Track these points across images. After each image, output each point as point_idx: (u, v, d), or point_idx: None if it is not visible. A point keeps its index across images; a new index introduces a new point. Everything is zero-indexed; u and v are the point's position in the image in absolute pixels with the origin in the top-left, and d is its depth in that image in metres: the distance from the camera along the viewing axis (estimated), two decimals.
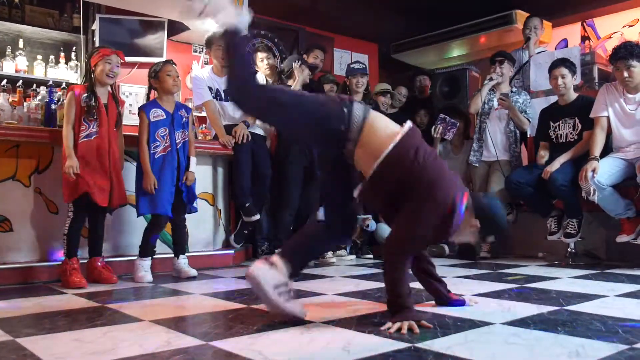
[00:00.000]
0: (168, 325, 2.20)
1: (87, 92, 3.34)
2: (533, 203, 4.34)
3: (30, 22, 5.34)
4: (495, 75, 4.65)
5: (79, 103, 3.31)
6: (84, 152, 3.28)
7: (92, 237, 3.46)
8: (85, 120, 3.30)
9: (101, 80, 3.38)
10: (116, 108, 3.48)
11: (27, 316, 2.42)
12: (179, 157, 3.65)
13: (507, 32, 6.18)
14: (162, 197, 3.55)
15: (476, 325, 2.11)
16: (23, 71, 5.16)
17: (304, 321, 2.20)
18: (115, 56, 3.41)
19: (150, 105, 3.64)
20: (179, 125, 3.68)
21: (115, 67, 3.40)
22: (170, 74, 3.65)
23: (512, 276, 3.50)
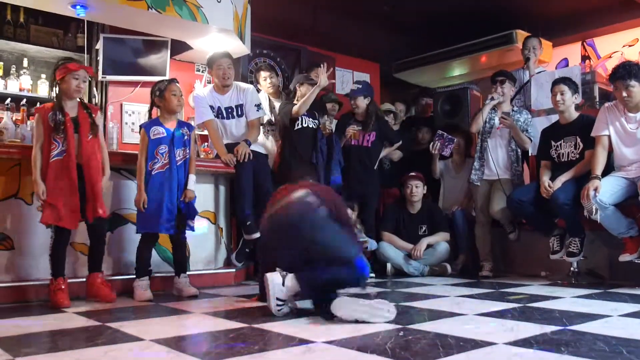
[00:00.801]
0: (169, 344, 2.18)
1: (54, 109, 3.28)
2: (535, 222, 4.33)
3: (34, 41, 5.38)
4: (497, 95, 4.67)
5: (46, 121, 3.25)
6: (56, 171, 3.22)
7: (92, 252, 3.44)
8: (54, 139, 3.24)
9: (69, 95, 3.33)
10: (89, 117, 3.39)
11: (27, 335, 2.41)
12: (179, 175, 3.64)
13: (507, 52, 6.21)
14: (161, 215, 3.55)
15: (479, 345, 2.09)
16: (27, 90, 5.19)
17: (306, 341, 2.18)
18: (83, 71, 3.37)
19: (151, 124, 3.66)
20: (180, 143, 3.68)
21: (82, 83, 3.36)
22: (175, 93, 3.68)
23: (514, 295, 3.48)
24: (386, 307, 2.66)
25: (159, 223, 3.55)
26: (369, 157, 4.91)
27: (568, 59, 6.60)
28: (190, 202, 3.69)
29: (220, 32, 4.86)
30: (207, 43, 5.09)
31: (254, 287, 4.12)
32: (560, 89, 4.19)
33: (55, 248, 3.26)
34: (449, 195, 5.31)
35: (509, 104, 4.77)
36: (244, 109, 4.44)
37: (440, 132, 5.06)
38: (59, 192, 3.21)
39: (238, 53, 5.27)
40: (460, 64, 6.85)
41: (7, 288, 3.35)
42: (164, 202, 3.56)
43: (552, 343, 2.12)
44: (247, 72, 6.06)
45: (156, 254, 3.88)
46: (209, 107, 4.39)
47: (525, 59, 5.33)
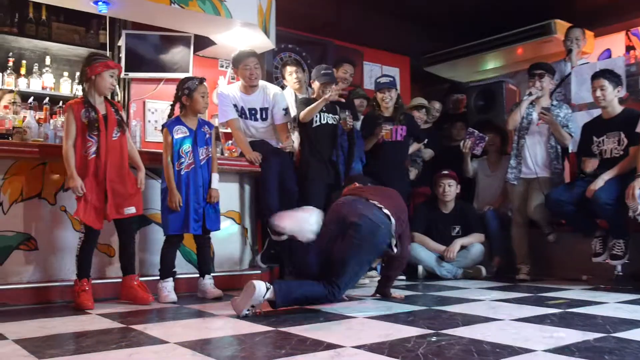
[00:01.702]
0: (193, 347, 2.21)
1: (85, 105, 3.35)
2: (575, 222, 4.27)
3: (56, 39, 5.49)
4: (535, 90, 4.59)
5: (79, 119, 3.33)
6: (91, 169, 3.31)
7: (123, 255, 3.50)
8: (89, 136, 3.33)
9: (101, 91, 3.41)
10: (116, 115, 3.47)
11: (52, 336, 2.47)
12: (203, 174, 3.70)
13: (545, 43, 6.12)
14: (189, 215, 3.60)
15: (516, 352, 2.07)
16: (50, 88, 5.31)
17: (334, 346, 2.19)
18: (117, 70, 3.49)
19: (174, 123, 3.71)
20: (202, 142, 3.74)
21: (115, 82, 3.48)
22: (204, 95, 3.74)
23: (554, 300, 3.43)
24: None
25: (189, 223, 3.60)
26: (400, 152, 4.89)
27: (611, 49, 6.47)
28: (217, 202, 3.76)
29: (244, 26, 4.89)
30: (231, 38, 5.13)
31: None
32: (599, 84, 4.11)
33: (83, 249, 3.33)
34: (483, 195, 5.27)
35: (547, 98, 4.70)
36: (269, 113, 4.48)
37: (470, 129, 5.03)
38: (91, 190, 3.30)
39: (263, 48, 5.30)
40: (494, 57, 6.78)
41: (31, 289, 3.43)
42: (191, 202, 3.62)
43: (595, 351, 2.09)
44: (272, 68, 6.08)
45: (180, 255, 3.93)
46: (233, 106, 4.43)
47: (567, 50, 5.25)
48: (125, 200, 3.42)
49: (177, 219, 3.59)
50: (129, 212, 3.44)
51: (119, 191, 3.40)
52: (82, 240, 3.33)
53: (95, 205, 3.31)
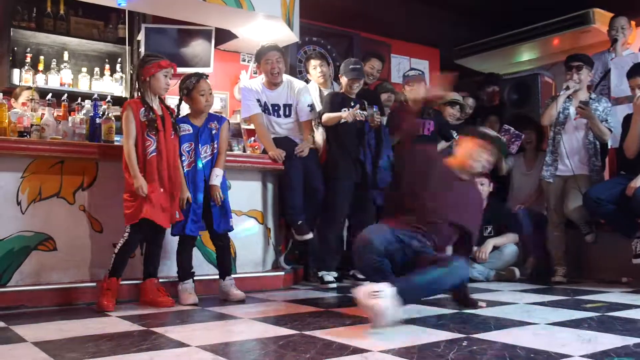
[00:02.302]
0: (215, 351, 2.23)
1: (144, 105, 3.44)
2: (615, 222, 4.21)
3: (75, 33, 5.58)
4: (573, 84, 4.52)
5: (138, 118, 3.41)
6: (152, 169, 3.39)
7: (149, 257, 3.55)
8: (148, 135, 3.41)
9: (157, 92, 3.50)
10: (171, 117, 3.57)
11: (71, 339, 2.51)
12: (205, 172, 3.70)
13: (583, 33, 6.04)
14: (187, 215, 3.61)
15: (552, 358, 2.05)
16: (68, 84, 5.39)
17: (361, 350, 2.19)
18: (171, 69, 3.53)
19: (179, 121, 3.72)
20: (207, 139, 3.72)
21: (170, 81, 3.54)
22: (203, 93, 3.69)
23: (592, 303, 3.39)
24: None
25: (185, 224, 3.62)
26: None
27: None
28: (224, 200, 3.71)
29: (267, 19, 4.91)
30: (253, 31, 5.15)
31: (305, 291, 4.17)
32: (637, 83, 4.05)
33: (124, 248, 3.37)
34: (518, 194, 5.21)
35: (585, 92, 4.63)
36: (294, 110, 4.49)
37: (506, 126, 4.98)
38: (156, 188, 3.38)
39: (286, 41, 5.31)
40: (529, 48, 6.71)
41: (50, 290, 3.48)
42: (196, 203, 3.64)
43: (635, 356, 2.07)
44: (296, 62, 6.10)
45: (201, 255, 3.97)
46: (256, 101, 4.45)
47: (612, 40, 5.16)
48: (175, 204, 3.51)
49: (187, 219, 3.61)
50: (177, 217, 3.53)
51: (174, 194, 3.50)
52: (125, 239, 3.38)
53: (162, 205, 3.40)
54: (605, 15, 5.65)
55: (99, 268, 3.57)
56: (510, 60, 7.02)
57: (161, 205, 3.40)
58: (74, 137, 3.89)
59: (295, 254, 4.48)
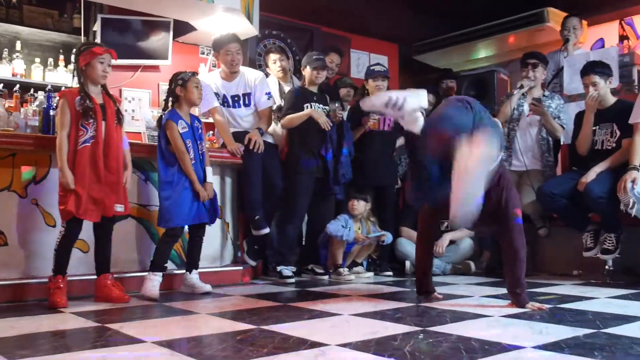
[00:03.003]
0: (172, 347, 2.21)
1: (80, 93, 3.34)
2: (567, 216, 4.31)
3: (28, 23, 5.41)
4: (527, 82, 4.61)
5: (73, 107, 3.31)
6: (83, 159, 3.29)
7: (99, 252, 3.47)
8: (82, 125, 3.31)
9: (95, 80, 3.40)
10: (114, 105, 3.48)
11: (23, 336, 2.45)
12: (199, 169, 3.75)
13: (538, 32, 6.16)
14: (191, 208, 3.66)
15: (505, 350, 2.09)
16: (20, 75, 5.23)
17: (319, 344, 2.20)
18: (108, 55, 3.44)
19: (175, 116, 3.71)
20: (198, 137, 3.78)
21: (107, 67, 3.43)
22: (197, 85, 3.76)
23: (544, 296, 3.47)
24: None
25: (185, 217, 3.66)
26: (389, 142, 4.90)
27: (604, 39, 6.53)
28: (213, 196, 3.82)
29: (226, 11, 4.86)
30: (212, 24, 5.09)
31: (263, 286, 4.16)
32: (591, 80, 4.13)
33: (63, 243, 3.29)
34: None
35: (540, 89, 4.73)
36: (252, 98, 4.46)
37: None
38: (85, 181, 3.28)
39: (245, 34, 5.27)
40: (486, 45, 6.80)
41: (1, 286, 3.39)
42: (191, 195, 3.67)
43: (585, 347, 2.12)
44: (255, 55, 6.06)
45: None
46: (214, 95, 4.41)
47: (564, 39, 5.27)
48: (117, 197, 3.42)
49: (182, 211, 3.62)
50: (118, 210, 3.43)
51: (114, 185, 3.40)
52: (62, 234, 3.30)
53: (94, 197, 3.30)
54: (559, 14, 5.77)
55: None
56: (467, 57, 7.11)
57: (93, 199, 3.29)
58: (27, 130, 3.79)
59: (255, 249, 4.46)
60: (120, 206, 3.44)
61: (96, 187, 3.31)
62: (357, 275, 4.58)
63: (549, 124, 4.54)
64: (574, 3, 5.90)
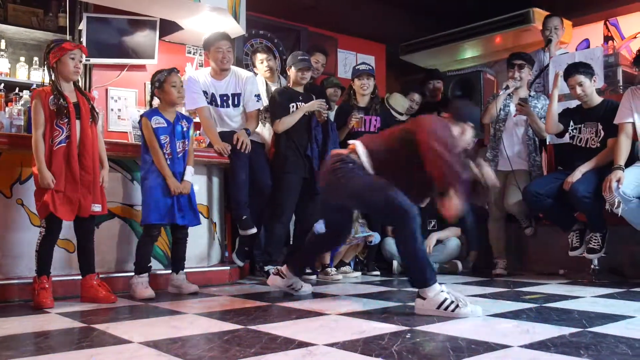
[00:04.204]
0: (159, 347, 2.19)
1: (53, 92, 3.30)
2: (553, 216, 4.34)
3: (12, 21, 5.36)
4: (513, 83, 4.64)
5: (47, 106, 3.26)
6: (59, 159, 3.26)
7: (82, 252, 3.44)
8: (57, 125, 3.27)
9: (67, 77, 3.35)
10: (88, 103, 3.44)
11: (7, 337, 2.42)
12: (179, 167, 3.72)
13: (524, 32, 6.19)
14: (166, 205, 3.63)
15: (492, 349, 2.10)
16: (5, 74, 5.17)
17: (306, 344, 2.20)
18: (78, 51, 3.39)
19: (152, 113, 3.73)
20: (180, 135, 3.76)
21: (79, 63, 3.39)
22: (175, 84, 3.72)
23: (530, 295, 3.49)
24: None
25: (162, 214, 3.63)
26: None
27: (589, 39, 6.57)
28: (191, 194, 3.79)
29: (213, 10, 4.84)
30: (198, 23, 5.07)
31: (250, 285, 4.15)
32: (576, 81, 4.14)
33: (44, 244, 3.26)
34: None
35: (526, 89, 4.75)
36: (242, 99, 4.45)
37: None
38: (62, 182, 3.25)
39: (232, 34, 5.23)
40: (472, 46, 6.83)
41: None
42: (165, 192, 3.64)
43: (571, 346, 2.13)
44: (242, 55, 6.04)
45: None
46: (202, 93, 4.39)
47: (546, 40, 5.30)
48: (93, 196, 3.38)
49: (157, 208, 3.60)
50: (95, 210, 3.40)
51: (90, 185, 3.37)
52: (42, 234, 3.27)
53: (69, 197, 3.27)
54: (543, 14, 5.80)
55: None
56: (454, 57, 7.13)
57: (68, 198, 3.27)
58: (12, 129, 3.76)
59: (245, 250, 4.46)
60: (98, 206, 3.39)
61: (72, 186, 3.28)
62: (345, 275, 4.58)
63: (535, 124, 4.57)
64: (559, 3, 5.94)
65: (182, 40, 5.63)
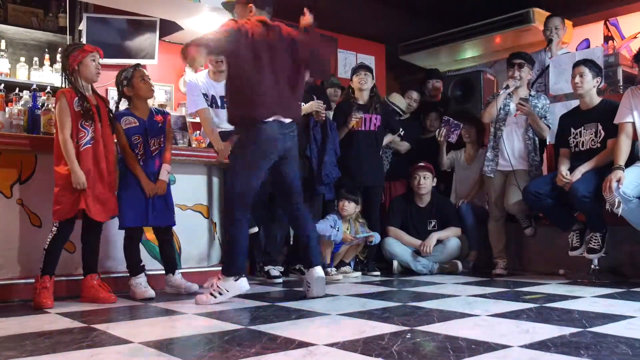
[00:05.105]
0: (159, 347, 2.19)
1: (77, 94, 3.33)
2: (553, 216, 4.33)
3: (13, 21, 5.37)
4: (512, 82, 4.63)
5: (72, 108, 3.30)
6: (85, 161, 3.29)
7: (86, 252, 3.45)
8: (82, 126, 3.31)
9: (88, 78, 3.39)
10: (106, 107, 3.49)
11: (8, 337, 2.42)
12: (154, 167, 3.66)
13: (524, 32, 6.19)
14: (140, 208, 3.58)
15: (492, 349, 2.10)
16: (5, 74, 5.19)
17: (306, 344, 2.19)
18: (97, 53, 3.43)
19: (121, 114, 3.67)
20: (154, 131, 3.69)
21: (99, 66, 3.43)
22: (144, 77, 3.67)
23: (530, 295, 3.49)
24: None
25: (139, 216, 3.59)
26: (375, 141, 4.90)
27: (589, 39, 6.58)
28: (167, 194, 3.70)
29: (212, 11, 4.85)
30: (198, 23, 5.08)
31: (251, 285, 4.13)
32: (580, 71, 4.16)
33: (53, 244, 3.28)
34: (460, 188, 5.31)
35: (526, 89, 4.75)
36: None
37: (445, 117, 5.11)
38: (90, 182, 3.27)
39: None
40: (472, 46, 6.83)
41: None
42: (139, 194, 3.59)
43: (571, 346, 2.13)
44: None
45: (145, 251, 3.89)
46: (202, 95, 4.39)
47: (547, 40, 5.30)
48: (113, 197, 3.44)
49: (130, 211, 3.57)
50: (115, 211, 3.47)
51: (113, 186, 3.43)
52: (53, 234, 3.28)
53: (100, 197, 3.31)
54: (544, 15, 5.79)
55: (39, 264, 3.45)
56: (454, 57, 7.14)
57: (99, 199, 3.32)
58: (12, 129, 3.75)
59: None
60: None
61: (102, 187, 3.34)
62: (345, 275, 4.58)
63: (536, 124, 4.56)
64: (559, 3, 5.94)
65: (182, 40, 5.60)
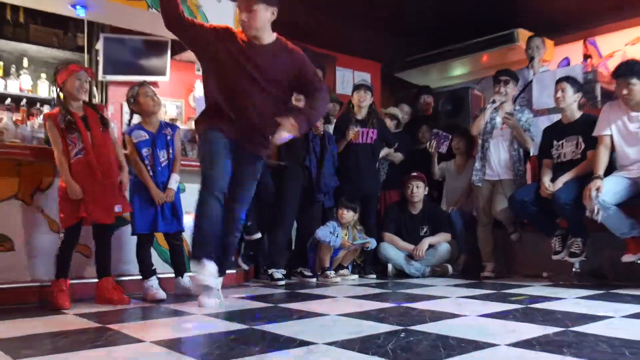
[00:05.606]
0: (169, 346, 2.19)
1: (61, 111, 3.33)
2: (537, 222, 4.33)
3: (34, 40, 5.39)
4: (499, 97, 4.64)
5: (58, 125, 3.29)
6: (78, 171, 3.28)
7: (99, 256, 3.44)
8: (69, 140, 3.30)
9: (72, 95, 3.36)
10: (96, 113, 3.46)
11: (28, 337, 2.42)
12: (163, 177, 3.66)
13: (509, 51, 6.21)
14: (150, 215, 3.58)
15: (481, 347, 2.09)
16: (27, 90, 5.20)
17: (307, 342, 2.19)
18: (84, 72, 3.42)
19: (133, 129, 3.69)
20: (162, 144, 3.69)
21: (85, 83, 3.40)
22: (148, 94, 3.68)
23: (516, 296, 3.48)
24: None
25: (149, 223, 3.59)
26: (372, 154, 4.91)
27: (569, 57, 6.57)
28: (176, 202, 3.70)
29: None
30: None
31: (255, 288, 4.14)
32: (561, 87, 4.19)
33: (64, 248, 3.28)
34: (450, 197, 5.31)
35: (511, 104, 4.76)
36: None
37: (435, 130, 5.14)
38: (86, 189, 3.27)
39: None
40: (461, 64, 6.85)
41: (7, 290, 3.35)
42: (149, 203, 3.60)
43: (554, 344, 2.12)
44: None
45: (156, 254, 3.88)
46: None
47: (529, 58, 5.33)
48: (114, 198, 3.40)
49: (141, 219, 3.58)
50: (116, 210, 3.41)
51: (111, 187, 3.39)
52: (62, 240, 3.29)
53: (99, 201, 3.30)
54: (527, 34, 5.82)
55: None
56: (444, 74, 7.15)
57: (100, 203, 3.30)
58: (33, 141, 3.76)
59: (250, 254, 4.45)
60: (118, 206, 3.42)
61: (100, 191, 3.32)
62: (343, 278, 4.57)
63: (521, 136, 4.57)
64: (542, 24, 5.96)
65: (192, 59, 5.62)
